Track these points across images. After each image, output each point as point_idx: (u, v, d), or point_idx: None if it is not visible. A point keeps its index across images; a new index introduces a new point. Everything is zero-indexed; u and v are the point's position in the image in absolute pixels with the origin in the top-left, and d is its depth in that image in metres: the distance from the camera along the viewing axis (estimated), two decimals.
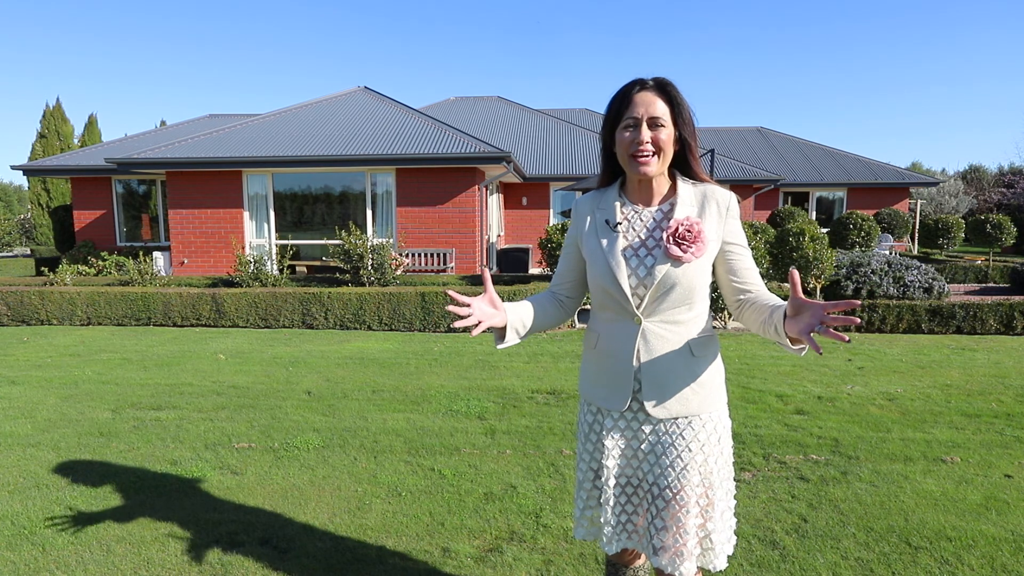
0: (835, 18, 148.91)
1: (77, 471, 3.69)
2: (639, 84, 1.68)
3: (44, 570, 2.68)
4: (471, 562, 2.71)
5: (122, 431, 4.37)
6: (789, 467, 3.68)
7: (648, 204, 1.76)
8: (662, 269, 1.66)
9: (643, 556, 1.99)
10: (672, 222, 1.68)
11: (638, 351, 1.71)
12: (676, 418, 1.71)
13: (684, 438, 1.71)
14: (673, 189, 1.75)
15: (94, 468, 3.73)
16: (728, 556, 1.81)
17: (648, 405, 1.71)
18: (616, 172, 1.80)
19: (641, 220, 1.74)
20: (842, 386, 5.45)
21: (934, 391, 5.28)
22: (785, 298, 8.98)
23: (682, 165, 1.74)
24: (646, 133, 1.64)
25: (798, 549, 2.79)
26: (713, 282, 1.81)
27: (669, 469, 1.71)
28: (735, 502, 1.86)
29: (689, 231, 1.66)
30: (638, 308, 1.70)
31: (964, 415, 4.63)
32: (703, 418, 1.72)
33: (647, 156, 1.65)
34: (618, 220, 1.74)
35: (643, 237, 1.72)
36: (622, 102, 1.68)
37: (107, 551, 2.82)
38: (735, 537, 1.82)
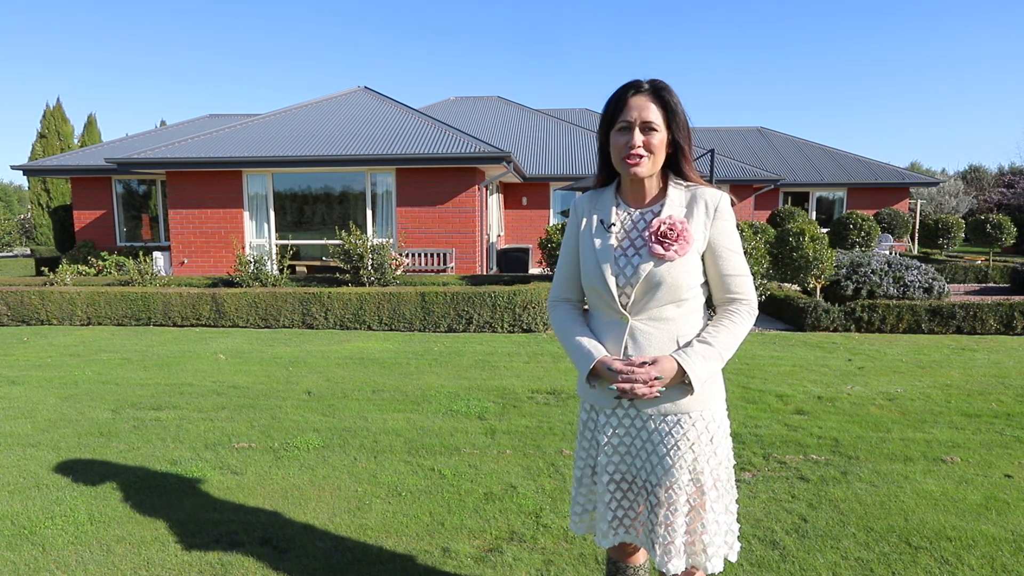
0: (835, 18, 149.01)
1: (77, 471, 3.69)
2: (634, 87, 1.71)
3: (44, 570, 2.69)
4: (471, 562, 2.72)
5: (122, 431, 4.37)
6: (789, 467, 3.68)
7: (640, 205, 1.79)
8: (646, 268, 1.69)
9: (643, 553, 2.00)
10: (655, 221, 1.70)
11: (625, 348, 1.73)
12: (666, 415, 1.73)
13: (673, 436, 1.72)
14: (663, 191, 1.77)
15: (94, 468, 3.73)
16: (728, 561, 1.80)
17: (636, 401, 1.73)
18: (612, 173, 1.83)
19: (632, 221, 1.77)
20: (842, 386, 5.45)
21: (934, 391, 5.28)
22: (785, 298, 8.86)
23: (676, 168, 1.76)
24: (638, 137, 1.67)
25: (798, 549, 2.79)
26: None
27: (658, 467, 1.74)
28: (737, 507, 1.85)
29: (671, 229, 1.68)
30: (625, 306, 1.73)
31: (964, 415, 4.63)
32: (693, 416, 1.73)
33: (638, 159, 1.67)
34: (612, 221, 1.77)
35: (632, 238, 1.75)
36: (617, 105, 1.71)
37: (107, 551, 2.82)
38: (738, 544, 1.82)
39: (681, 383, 1.70)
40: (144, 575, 2.65)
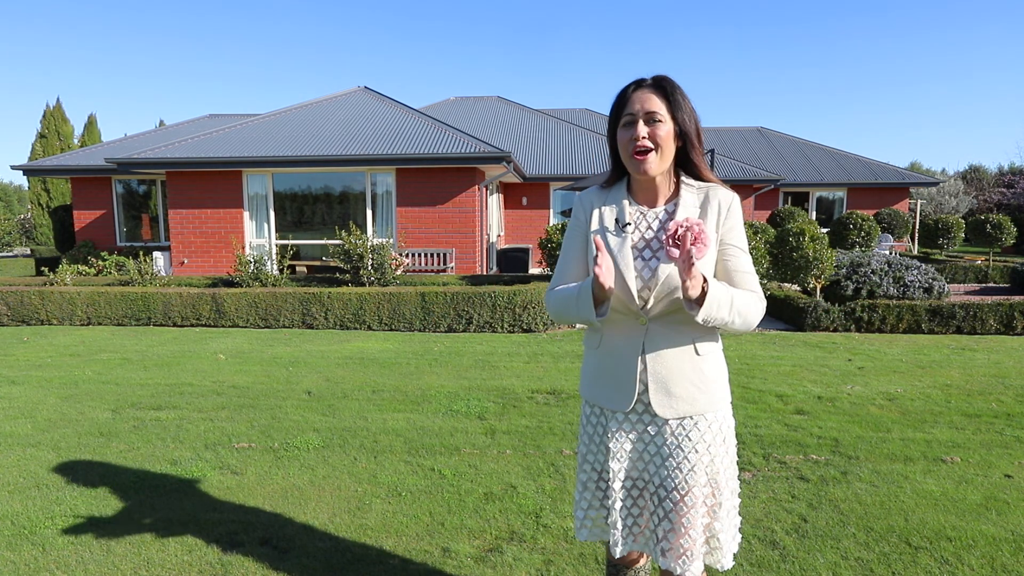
0: (835, 18, 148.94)
1: (77, 471, 3.69)
2: (636, 83, 1.70)
3: (44, 570, 2.69)
4: (471, 562, 2.71)
5: (122, 431, 4.37)
6: (789, 467, 3.68)
7: (653, 205, 1.76)
8: (665, 270, 1.66)
9: (644, 556, 1.99)
10: (672, 224, 1.67)
11: (643, 351, 1.71)
12: (682, 418, 1.71)
13: (691, 439, 1.71)
14: (676, 190, 1.75)
15: (94, 468, 3.73)
16: (733, 554, 1.81)
17: (655, 405, 1.71)
18: (623, 173, 1.80)
19: (646, 221, 1.74)
20: (842, 386, 5.45)
21: (934, 391, 5.28)
22: (785, 298, 8.83)
23: (686, 163, 1.73)
24: (643, 128, 1.65)
25: (798, 549, 2.79)
26: None
27: (676, 470, 1.71)
28: (739, 501, 1.85)
29: (689, 231, 1.65)
30: (643, 309, 1.70)
31: (964, 415, 4.63)
32: (708, 418, 1.72)
33: (645, 152, 1.65)
34: (628, 220, 1.74)
35: (648, 238, 1.72)
36: (621, 101, 1.70)
37: (107, 551, 2.82)
38: (739, 535, 1.83)
39: (696, 385, 1.70)
40: (144, 575, 2.65)
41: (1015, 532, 2.92)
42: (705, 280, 1.58)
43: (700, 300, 1.59)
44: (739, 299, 1.65)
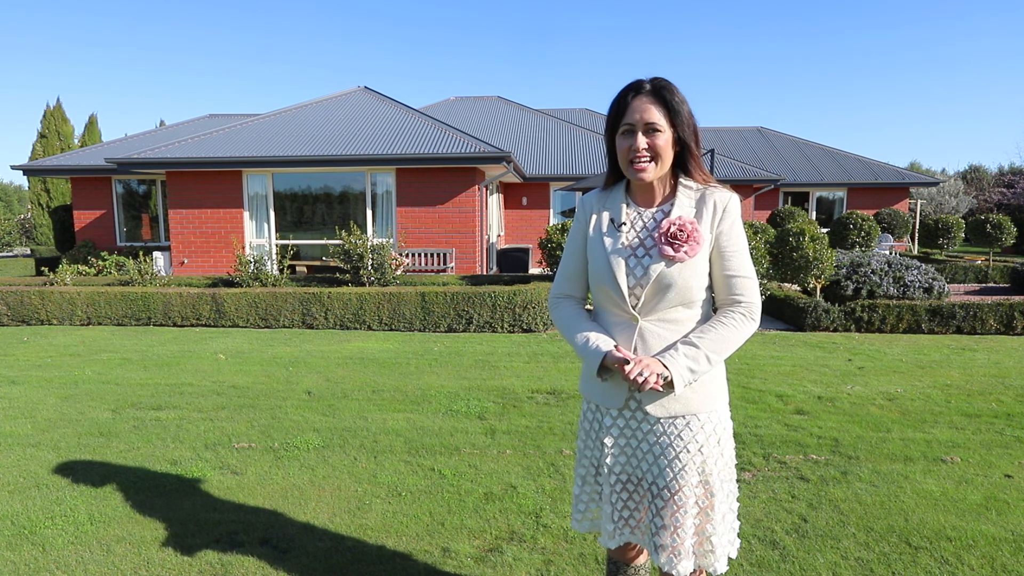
0: (835, 17, 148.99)
1: (77, 471, 3.69)
2: (635, 89, 1.69)
3: (44, 570, 2.69)
4: (471, 562, 2.72)
5: (122, 431, 4.37)
6: (789, 467, 3.68)
7: (650, 206, 1.77)
8: (657, 269, 1.67)
9: (644, 554, 2.00)
10: (665, 222, 1.69)
11: (635, 350, 1.72)
12: (674, 417, 1.72)
13: (682, 438, 1.71)
14: (673, 191, 1.76)
15: (94, 468, 3.73)
16: (728, 557, 1.80)
17: (646, 404, 1.72)
18: (622, 174, 1.81)
19: (642, 221, 1.76)
20: (842, 386, 5.45)
21: (934, 391, 5.28)
22: (785, 298, 8.83)
23: (683, 167, 1.74)
24: (642, 140, 1.66)
25: (798, 549, 2.79)
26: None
27: (667, 469, 1.72)
28: (738, 505, 1.85)
29: (681, 230, 1.66)
30: (635, 307, 1.72)
31: (964, 415, 4.63)
32: (701, 418, 1.72)
33: (644, 163, 1.67)
34: (622, 221, 1.76)
35: (642, 238, 1.74)
36: (619, 108, 1.70)
37: (107, 551, 2.82)
38: (738, 540, 1.82)
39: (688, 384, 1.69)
40: (144, 575, 2.65)
41: (1015, 532, 2.92)
42: (665, 365, 1.63)
43: (671, 383, 1.65)
44: (716, 343, 1.67)
